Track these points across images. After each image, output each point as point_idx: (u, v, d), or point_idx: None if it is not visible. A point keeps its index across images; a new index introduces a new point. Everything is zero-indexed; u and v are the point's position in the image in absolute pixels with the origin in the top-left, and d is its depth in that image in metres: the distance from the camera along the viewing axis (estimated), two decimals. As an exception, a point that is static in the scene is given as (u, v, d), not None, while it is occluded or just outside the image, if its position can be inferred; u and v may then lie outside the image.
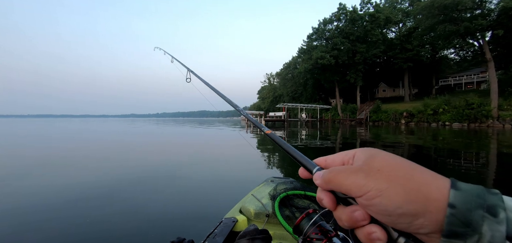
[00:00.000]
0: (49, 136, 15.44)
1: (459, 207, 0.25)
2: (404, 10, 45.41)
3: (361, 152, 0.35)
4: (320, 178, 0.35)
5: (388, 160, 0.32)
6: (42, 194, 3.81)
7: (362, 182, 0.30)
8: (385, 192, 0.28)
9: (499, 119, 26.93)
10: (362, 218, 0.31)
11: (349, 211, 0.32)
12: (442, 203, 0.26)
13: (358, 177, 0.31)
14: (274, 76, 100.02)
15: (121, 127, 28.98)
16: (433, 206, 0.26)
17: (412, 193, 0.27)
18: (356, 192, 0.31)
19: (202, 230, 1.42)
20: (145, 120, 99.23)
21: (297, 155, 0.41)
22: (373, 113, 41.18)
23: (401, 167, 0.30)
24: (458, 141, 11.74)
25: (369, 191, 0.29)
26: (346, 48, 41.39)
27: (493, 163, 6.45)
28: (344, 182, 0.32)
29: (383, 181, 0.29)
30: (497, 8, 26.70)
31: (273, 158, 6.82)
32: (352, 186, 0.31)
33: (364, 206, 0.30)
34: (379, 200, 0.29)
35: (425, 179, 0.28)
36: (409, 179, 0.29)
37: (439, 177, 0.28)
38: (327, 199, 0.34)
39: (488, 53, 28.75)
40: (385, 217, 0.29)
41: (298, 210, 1.44)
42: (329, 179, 0.34)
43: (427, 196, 0.27)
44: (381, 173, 0.30)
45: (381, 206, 0.29)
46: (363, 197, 0.30)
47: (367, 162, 0.32)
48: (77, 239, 2.44)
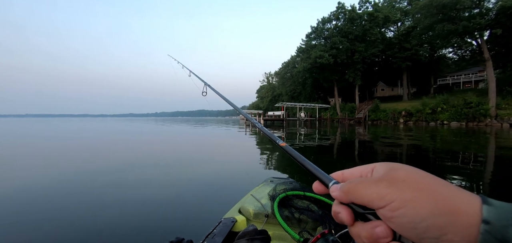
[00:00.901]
0: (50, 136, 15.39)
1: (495, 223, 0.23)
2: (403, 9, 45.43)
3: (380, 166, 0.33)
4: (338, 190, 0.33)
5: (412, 172, 0.30)
6: (41, 194, 3.79)
7: (385, 191, 0.28)
8: (411, 203, 0.27)
9: (497, 118, 27.03)
10: (384, 235, 0.28)
11: (370, 227, 0.30)
12: (474, 218, 0.24)
13: (381, 186, 0.29)
14: (273, 75, 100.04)
15: (120, 126, 28.92)
16: (464, 221, 0.25)
17: (440, 205, 0.26)
18: (378, 203, 0.28)
19: (201, 230, 1.41)
20: (143, 119, 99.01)
21: (312, 168, 0.40)
22: (372, 112, 41.27)
23: (427, 179, 0.29)
24: (457, 140, 11.78)
25: (393, 201, 0.27)
26: (344, 47, 41.45)
27: (491, 162, 6.48)
28: (365, 192, 0.30)
29: (408, 191, 0.27)
30: (495, 7, 26.76)
31: (272, 158, 6.82)
32: (374, 196, 0.29)
33: (386, 218, 0.28)
34: (404, 211, 0.27)
35: (454, 193, 0.27)
36: (436, 191, 0.27)
37: (468, 193, 0.27)
38: (344, 213, 0.32)
39: (486, 52, 28.85)
40: (410, 232, 0.27)
41: (298, 210, 1.45)
42: (348, 190, 0.32)
43: (457, 210, 0.25)
44: (406, 184, 0.28)
45: (406, 218, 0.27)
46: (386, 208, 0.28)
47: (390, 173, 0.31)
48: (75, 238, 2.43)
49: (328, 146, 9.70)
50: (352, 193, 0.31)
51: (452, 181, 4.29)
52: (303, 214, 1.41)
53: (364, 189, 0.30)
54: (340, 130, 19.64)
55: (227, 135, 15.99)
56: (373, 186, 0.30)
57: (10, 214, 3.03)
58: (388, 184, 0.29)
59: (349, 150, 8.99)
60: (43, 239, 2.43)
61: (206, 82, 1.60)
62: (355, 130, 19.67)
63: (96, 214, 3.00)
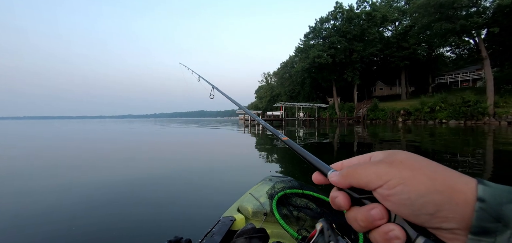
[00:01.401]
0: (49, 138, 15.34)
1: (489, 201, 0.24)
2: (400, 8, 45.55)
3: (378, 152, 0.34)
4: (337, 175, 0.34)
5: (409, 155, 0.31)
6: (39, 195, 3.78)
7: (384, 170, 0.30)
8: (408, 180, 0.28)
9: (495, 116, 27.09)
10: (379, 216, 0.30)
11: (366, 210, 0.31)
12: (470, 196, 0.25)
13: (380, 167, 0.30)
14: (272, 75, 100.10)
15: (118, 127, 28.86)
16: (460, 198, 0.25)
17: (437, 182, 0.27)
18: (377, 181, 0.30)
19: (200, 229, 1.41)
20: (142, 120, 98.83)
21: (312, 159, 0.41)
22: (371, 112, 41.34)
23: (424, 161, 0.30)
24: (455, 139, 11.81)
25: (391, 179, 0.29)
26: (343, 46, 41.51)
27: (490, 160, 6.50)
28: (364, 173, 0.31)
29: (406, 171, 0.29)
30: (492, 6, 26.86)
31: (271, 156, 6.82)
32: (372, 176, 0.30)
33: (383, 197, 0.29)
34: (401, 188, 0.28)
35: (451, 173, 0.28)
36: (434, 170, 0.28)
37: (464, 175, 0.28)
38: (341, 197, 0.33)
39: (484, 50, 28.94)
40: (406, 208, 0.28)
41: (296, 208, 1.45)
42: (347, 173, 0.33)
43: (454, 188, 0.26)
44: (404, 164, 0.29)
45: (403, 195, 0.28)
46: (384, 186, 0.29)
47: (388, 156, 0.32)
48: (74, 239, 2.43)
49: (327, 146, 9.70)
50: (351, 176, 0.32)
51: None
52: (302, 212, 1.41)
53: (363, 171, 0.31)
54: (339, 130, 19.65)
55: (226, 135, 15.98)
56: (372, 167, 0.31)
57: (9, 215, 3.02)
58: (386, 165, 0.30)
59: (348, 149, 9.00)
60: (42, 239, 2.43)
61: (214, 85, 1.72)
62: (354, 130, 19.69)
63: (94, 213, 2.99)
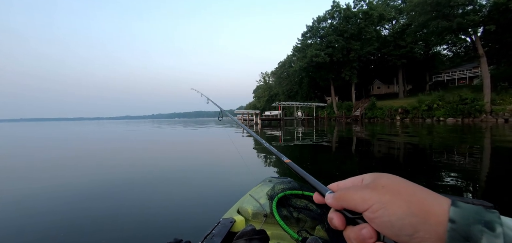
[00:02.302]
0: (47, 139, 15.26)
1: (459, 222, 0.27)
2: (397, 7, 45.71)
3: (369, 175, 0.38)
4: (331, 198, 0.38)
5: (392, 179, 0.35)
6: (38, 195, 3.76)
7: (367, 196, 0.33)
8: (388, 205, 0.31)
9: (492, 113, 27.27)
10: (369, 235, 0.33)
11: (357, 229, 0.34)
12: (443, 217, 0.28)
13: (365, 192, 0.34)
14: (270, 75, 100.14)
15: (117, 128, 28.74)
16: (433, 220, 0.28)
17: (413, 206, 0.30)
18: (362, 205, 0.33)
19: (200, 231, 1.41)
20: (140, 121, 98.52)
21: (312, 182, 0.45)
22: (369, 110, 41.47)
23: (404, 185, 0.33)
24: (453, 136, 11.87)
25: (374, 204, 0.32)
26: (340, 45, 41.57)
27: (487, 157, 6.53)
28: (352, 197, 0.35)
29: (387, 195, 0.32)
30: (488, 4, 27.00)
31: (270, 158, 6.82)
32: (358, 200, 0.34)
33: (369, 219, 0.33)
34: (382, 212, 0.31)
35: (427, 196, 0.31)
36: (411, 194, 0.31)
37: (440, 196, 0.30)
38: (337, 218, 0.37)
39: (480, 48, 29.09)
40: (388, 230, 0.31)
41: (296, 209, 1.45)
42: (339, 197, 0.37)
43: (428, 210, 0.29)
44: (385, 189, 0.33)
45: (384, 217, 0.31)
46: (369, 210, 0.33)
47: (374, 181, 0.36)
48: (73, 239, 2.42)
49: (326, 145, 9.71)
50: (342, 199, 0.37)
51: (447, 177, 4.32)
52: (302, 213, 1.41)
53: (351, 195, 0.36)
54: (337, 129, 19.69)
55: (225, 136, 15.94)
56: (359, 192, 0.35)
57: (8, 216, 3.00)
58: (370, 190, 0.34)
59: (346, 148, 9.01)
60: (41, 239, 2.41)
61: (221, 107, 1.97)
62: (353, 128, 19.73)
63: (93, 215, 2.97)
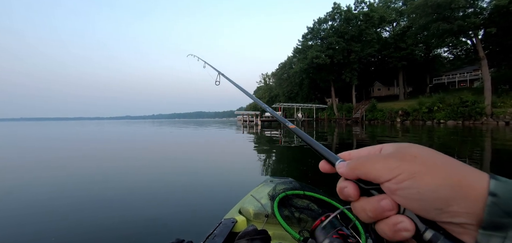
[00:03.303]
0: (49, 139, 15.28)
1: (502, 195, 0.24)
2: (398, 9, 45.72)
3: (389, 145, 0.34)
4: (345, 166, 0.34)
5: (423, 149, 0.30)
6: (39, 196, 3.77)
7: (394, 164, 0.29)
8: (419, 175, 0.27)
9: (493, 116, 27.22)
10: (389, 207, 0.29)
11: (375, 200, 0.30)
12: (482, 190, 0.25)
13: (390, 161, 0.30)
14: (270, 76, 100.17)
15: (118, 129, 28.77)
16: (470, 193, 0.25)
17: (447, 177, 0.26)
18: (387, 175, 0.29)
19: (202, 231, 1.41)
20: (140, 121, 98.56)
21: (319, 148, 0.41)
22: (369, 112, 41.40)
23: (436, 155, 0.29)
24: (454, 139, 11.86)
25: (402, 173, 0.28)
26: (341, 47, 41.58)
27: (487, 160, 6.53)
28: (373, 166, 0.30)
29: (416, 165, 0.28)
30: (489, 6, 27.00)
31: (272, 158, 6.82)
32: (382, 169, 0.29)
33: (392, 191, 0.29)
34: (411, 182, 0.27)
35: (462, 168, 0.27)
36: (444, 164, 0.28)
37: (476, 170, 0.27)
38: (351, 187, 0.32)
39: (481, 51, 29.07)
40: (415, 203, 0.27)
41: (297, 210, 1.45)
42: (355, 165, 0.32)
43: (464, 183, 0.26)
44: (417, 159, 0.29)
45: (413, 189, 0.27)
46: (393, 180, 0.28)
47: (400, 150, 0.31)
48: (76, 238, 2.42)
49: (326, 146, 9.70)
50: (359, 168, 0.32)
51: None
52: (303, 213, 1.42)
53: (372, 163, 0.31)
54: (337, 130, 19.69)
55: (225, 136, 15.96)
56: (382, 161, 0.30)
57: (7, 216, 3.00)
58: (397, 159, 0.29)
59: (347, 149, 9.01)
60: (42, 239, 2.42)
61: (220, 71, 1.69)
62: (353, 130, 19.73)
63: (95, 215, 2.98)
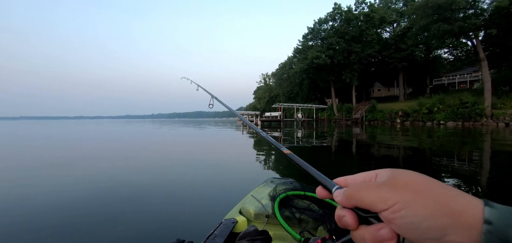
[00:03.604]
0: (46, 138, 15.27)
1: (496, 223, 0.24)
2: (398, 10, 45.80)
3: (384, 171, 0.34)
4: (341, 194, 0.34)
5: (414, 176, 0.30)
6: (37, 195, 3.76)
7: (387, 195, 0.29)
8: (412, 204, 0.27)
9: (493, 117, 27.28)
10: (389, 236, 0.29)
11: (374, 230, 0.30)
12: (476, 218, 0.25)
13: (383, 190, 0.30)
14: (270, 76, 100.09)
15: (118, 128, 28.76)
16: (465, 221, 0.25)
17: (441, 205, 0.26)
18: (381, 205, 0.29)
19: (202, 231, 1.41)
20: (140, 121, 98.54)
21: (316, 174, 0.41)
22: (369, 113, 41.45)
23: (429, 183, 0.29)
24: (454, 140, 11.86)
25: (396, 204, 0.28)
26: (341, 47, 41.60)
27: (487, 162, 6.53)
28: (368, 196, 0.31)
29: (409, 194, 0.28)
30: (490, 8, 27.02)
31: (272, 158, 6.82)
32: (376, 199, 0.30)
33: (389, 221, 0.29)
34: (405, 212, 0.27)
35: (456, 195, 0.27)
36: (438, 193, 0.28)
37: (470, 196, 0.27)
38: (349, 216, 0.32)
39: (482, 52, 29.11)
40: (412, 233, 0.27)
41: (298, 210, 1.45)
42: (350, 194, 0.33)
43: (459, 211, 0.26)
44: (408, 187, 0.29)
45: (408, 219, 0.27)
46: (389, 210, 0.28)
47: (392, 178, 0.31)
48: (76, 238, 2.42)
49: (326, 147, 9.71)
50: (354, 197, 0.32)
51: (451, 182, 4.32)
52: (304, 214, 1.41)
53: (367, 193, 0.31)
54: (337, 131, 19.69)
55: (225, 136, 15.95)
56: (375, 190, 0.31)
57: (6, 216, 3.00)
58: (389, 188, 0.30)
59: (347, 151, 9.01)
60: (41, 239, 2.41)
61: (213, 94, 1.70)
62: (353, 131, 19.73)
63: (95, 215, 2.98)
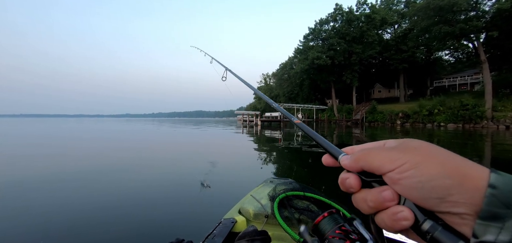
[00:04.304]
0: (47, 136, 15.28)
1: (501, 188, 0.24)
2: (400, 11, 45.77)
3: (392, 140, 0.35)
4: (348, 158, 0.35)
5: (423, 142, 0.31)
6: (37, 194, 3.76)
7: (397, 155, 0.30)
8: (421, 164, 0.28)
9: (493, 120, 27.24)
10: (390, 198, 0.30)
11: (377, 191, 0.31)
12: (481, 182, 0.25)
13: (393, 152, 0.31)
14: (270, 76, 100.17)
15: (118, 127, 28.77)
16: (471, 184, 0.26)
17: (449, 168, 0.27)
18: (390, 165, 0.30)
19: (201, 231, 1.41)
20: (140, 120, 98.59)
21: (323, 142, 0.42)
22: (369, 114, 41.43)
23: (438, 148, 0.30)
24: (454, 142, 11.85)
25: (404, 163, 0.29)
26: (342, 48, 41.57)
27: (488, 165, 6.52)
28: (376, 157, 0.31)
29: (419, 156, 0.29)
30: (491, 10, 26.98)
31: (272, 158, 6.82)
32: (385, 159, 0.30)
33: (395, 180, 0.29)
34: (413, 172, 0.28)
35: (464, 161, 0.28)
36: (446, 157, 0.28)
37: (477, 164, 0.28)
38: (353, 178, 0.33)
39: (483, 54, 29.08)
40: (416, 192, 0.28)
41: (298, 211, 1.44)
42: (359, 157, 0.33)
43: (465, 174, 0.26)
44: (417, 150, 0.30)
45: (415, 178, 0.28)
46: (396, 170, 0.29)
47: (402, 143, 0.32)
48: (77, 238, 2.42)
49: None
50: (363, 159, 0.33)
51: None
52: (303, 214, 1.41)
53: (376, 154, 0.32)
54: (337, 132, 19.68)
55: (225, 136, 15.95)
56: (385, 151, 0.32)
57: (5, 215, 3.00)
58: (400, 151, 0.31)
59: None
60: (40, 239, 2.41)
61: (227, 67, 1.67)
62: (353, 132, 19.72)
63: (95, 214, 2.98)
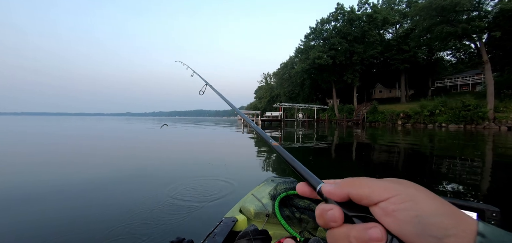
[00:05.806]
0: (47, 134, 15.31)
1: (489, 238, 0.24)
2: (402, 11, 45.63)
3: None
4: (332, 185, 0.31)
5: (415, 184, 0.29)
6: (37, 193, 3.77)
7: (390, 185, 0.28)
8: (418, 198, 0.26)
9: (495, 121, 27.10)
10: (378, 237, 0.26)
11: (362, 228, 0.27)
12: (473, 226, 0.25)
13: (384, 181, 0.28)
14: (271, 76, 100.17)
15: (118, 125, 28.81)
16: (465, 227, 0.25)
17: (447, 207, 0.26)
18: (382, 193, 0.27)
19: (202, 229, 1.41)
20: (140, 118, 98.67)
21: (301, 169, 0.38)
22: (370, 114, 41.38)
23: (429, 191, 0.28)
24: (455, 143, 11.82)
25: (399, 194, 0.26)
26: (343, 48, 41.53)
27: (489, 166, 6.50)
28: (366, 184, 0.29)
29: (414, 189, 0.27)
30: (494, 10, 26.82)
31: (273, 157, 6.81)
32: (377, 187, 0.28)
33: (387, 212, 0.26)
34: (410, 204, 0.26)
35: (453, 206, 0.26)
36: (439, 197, 0.27)
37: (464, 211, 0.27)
38: (337, 209, 0.29)
39: (485, 55, 28.96)
40: (411, 227, 0.25)
41: (298, 210, 1.44)
42: (345, 183, 0.30)
43: (460, 216, 0.25)
44: (411, 184, 0.28)
45: (412, 211, 0.25)
46: (391, 200, 0.26)
47: (393, 179, 0.30)
48: (77, 237, 2.42)
49: (327, 148, 9.70)
50: (350, 184, 0.30)
51: (452, 186, 4.31)
52: (304, 213, 1.41)
53: (366, 181, 0.29)
54: (338, 132, 19.66)
55: (226, 136, 15.96)
56: (376, 181, 0.29)
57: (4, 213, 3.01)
58: (392, 181, 0.28)
59: (347, 153, 9.00)
60: (40, 238, 2.42)
61: (207, 81, 1.62)
62: (353, 132, 19.70)
63: (95, 213, 2.98)
